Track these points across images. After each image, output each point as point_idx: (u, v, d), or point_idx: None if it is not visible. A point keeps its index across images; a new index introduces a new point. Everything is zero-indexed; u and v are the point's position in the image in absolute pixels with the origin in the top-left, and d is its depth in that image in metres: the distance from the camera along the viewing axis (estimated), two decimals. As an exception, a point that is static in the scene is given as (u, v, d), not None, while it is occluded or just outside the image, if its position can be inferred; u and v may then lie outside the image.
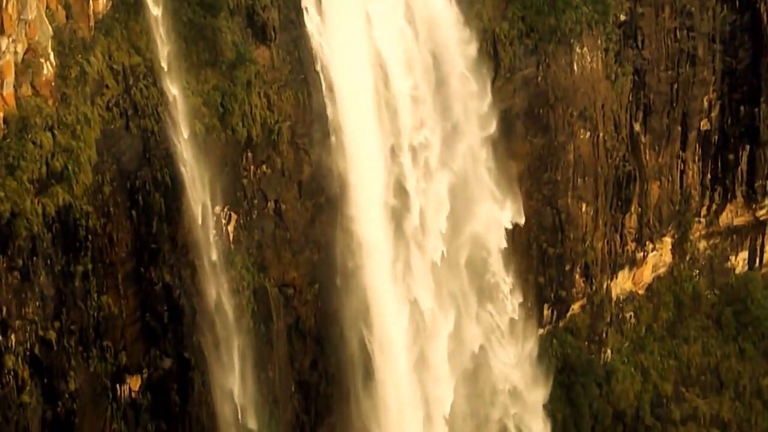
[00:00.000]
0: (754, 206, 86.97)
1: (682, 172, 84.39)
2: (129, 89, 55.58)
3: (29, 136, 51.17)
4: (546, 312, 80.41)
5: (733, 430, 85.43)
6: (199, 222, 57.02)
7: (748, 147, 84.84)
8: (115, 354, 53.93)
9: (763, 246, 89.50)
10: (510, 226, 71.63)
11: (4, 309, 49.72)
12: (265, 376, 62.64)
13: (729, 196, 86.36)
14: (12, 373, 50.06)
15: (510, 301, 72.70)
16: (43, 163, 51.54)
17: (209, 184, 57.61)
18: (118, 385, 54.16)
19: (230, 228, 60.23)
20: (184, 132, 56.46)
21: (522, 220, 72.31)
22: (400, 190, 65.77)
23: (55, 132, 52.12)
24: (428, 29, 66.14)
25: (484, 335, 72.34)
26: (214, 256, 57.97)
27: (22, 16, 50.03)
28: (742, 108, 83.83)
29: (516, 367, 74.30)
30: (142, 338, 55.23)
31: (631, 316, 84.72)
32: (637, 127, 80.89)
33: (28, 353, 50.65)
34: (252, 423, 60.65)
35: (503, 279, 72.28)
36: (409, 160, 66.01)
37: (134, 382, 55.24)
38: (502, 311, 72.70)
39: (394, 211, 65.60)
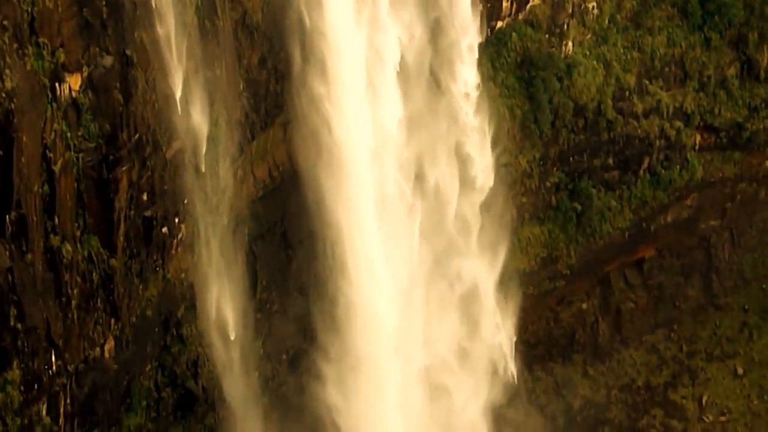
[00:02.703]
0: None
1: None
2: None
3: None
4: (505, 4, 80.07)
5: (696, 122, 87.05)
6: None
7: None
8: (52, 52, 53.46)
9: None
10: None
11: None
12: (211, 75, 62.63)
13: None
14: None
15: None
16: None
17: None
18: (57, 84, 53.82)
19: None
20: None
21: None
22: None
23: None
24: None
25: None
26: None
27: None
28: None
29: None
30: (80, 34, 54.58)
31: (593, 6, 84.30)
32: None
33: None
34: (198, 117, 61.31)
35: None
36: None
37: (74, 81, 54.86)
38: None
39: None
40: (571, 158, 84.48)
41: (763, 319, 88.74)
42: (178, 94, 59.56)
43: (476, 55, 75.06)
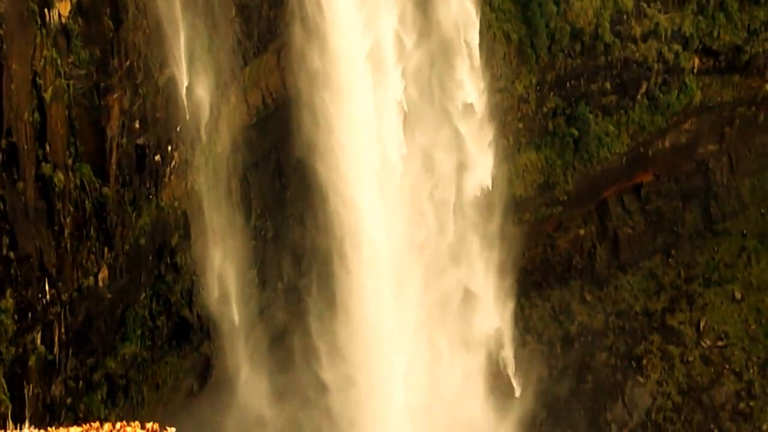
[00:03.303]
0: None
1: None
2: None
3: None
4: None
5: (695, 45, 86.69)
6: None
7: None
8: (40, -24, 53.34)
9: None
10: None
11: None
12: (203, 0, 62.53)
13: None
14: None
15: None
16: None
17: None
18: (46, 10, 53.57)
19: None
20: None
21: None
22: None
23: None
24: None
25: None
26: None
27: None
28: None
29: None
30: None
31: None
32: None
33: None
34: (189, 43, 61.18)
35: None
36: None
37: (63, 7, 54.58)
38: None
39: None
40: (568, 83, 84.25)
41: (761, 244, 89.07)
42: (170, 19, 59.41)
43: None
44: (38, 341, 56.65)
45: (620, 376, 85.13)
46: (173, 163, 63.69)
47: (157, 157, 62.26)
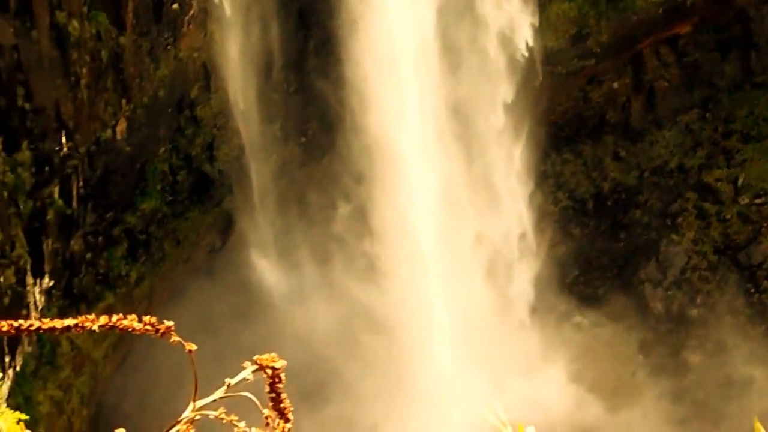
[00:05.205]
0: None
1: None
2: None
3: None
4: None
5: None
6: None
7: None
8: None
9: None
10: None
11: None
12: None
13: None
14: None
15: None
16: None
17: None
18: None
19: None
20: None
21: None
22: None
23: None
24: None
25: None
26: None
27: None
28: None
29: None
30: None
31: None
32: None
33: None
34: None
35: None
36: None
37: None
38: None
39: None
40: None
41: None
42: None
43: None
44: (56, 195, 57.37)
45: (654, 234, 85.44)
46: (192, 12, 63.61)
47: (175, 6, 62.19)
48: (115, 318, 4.43)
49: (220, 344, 64.47)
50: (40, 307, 56.31)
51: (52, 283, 57.31)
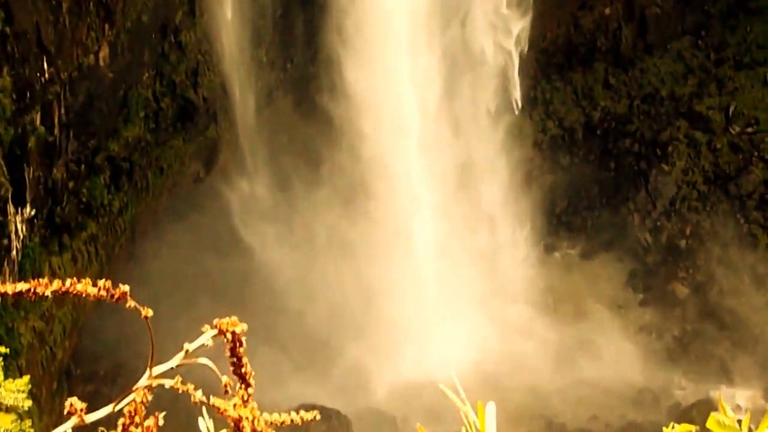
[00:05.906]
0: None
1: None
2: None
3: None
4: None
5: None
6: None
7: None
8: None
9: None
10: None
11: None
12: None
13: None
14: None
15: None
16: None
17: None
18: None
19: None
20: None
21: None
22: None
23: None
24: None
25: None
26: None
27: None
28: None
29: None
30: None
31: None
32: None
33: None
34: None
35: None
36: None
37: None
38: None
39: None
40: None
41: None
42: None
43: None
44: (38, 122, 56.92)
45: (644, 163, 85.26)
46: (175, -67, 62.99)
47: (158, -72, 61.57)
48: (68, 282, 4.31)
49: (203, 272, 64.64)
50: (21, 237, 56.07)
51: (33, 212, 57.02)
